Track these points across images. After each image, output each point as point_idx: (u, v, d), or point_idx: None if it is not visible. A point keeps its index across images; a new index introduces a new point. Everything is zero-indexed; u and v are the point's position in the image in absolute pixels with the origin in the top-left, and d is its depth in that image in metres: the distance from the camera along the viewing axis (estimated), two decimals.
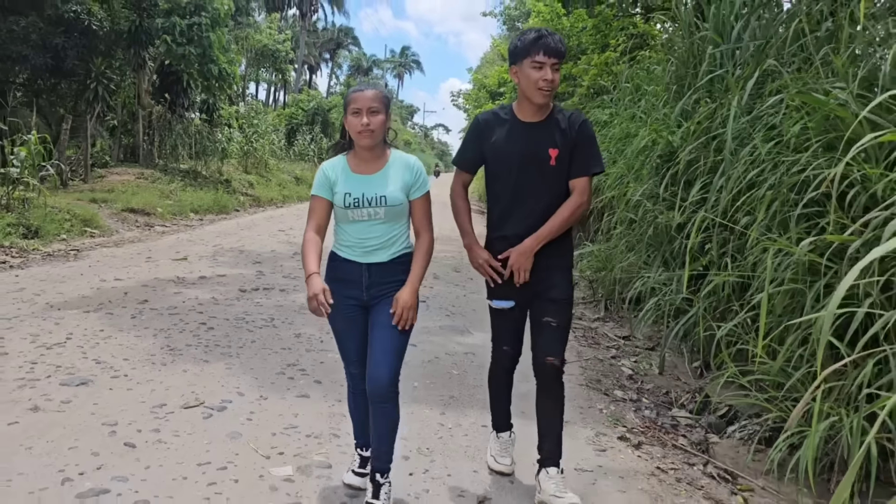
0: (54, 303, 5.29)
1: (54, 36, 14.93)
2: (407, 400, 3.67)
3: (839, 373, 2.94)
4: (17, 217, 9.15)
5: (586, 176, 2.74)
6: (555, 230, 2.70)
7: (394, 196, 2.53)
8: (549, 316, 2.76)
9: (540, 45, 2.62)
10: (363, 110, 2.46)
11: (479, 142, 2.83)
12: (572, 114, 2.80)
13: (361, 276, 2.55)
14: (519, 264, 2.70)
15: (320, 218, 2.58)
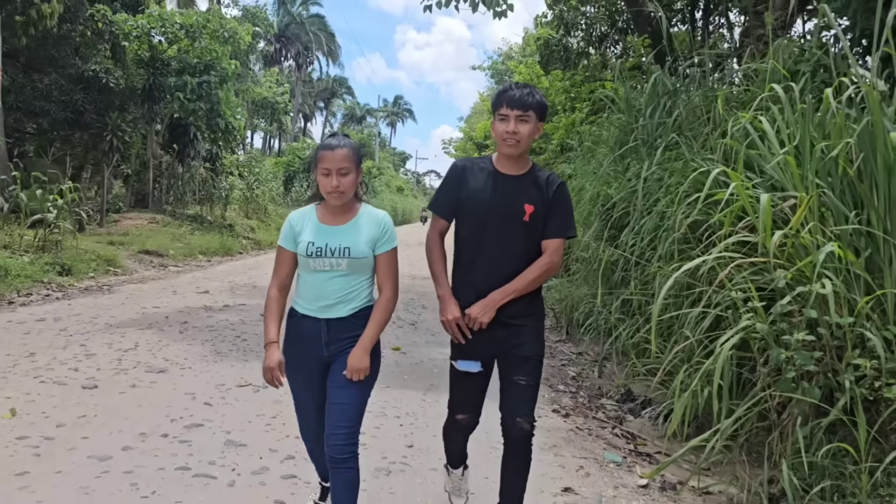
0: (112, 323, 6.63)
1: (74, 92, 16.52)
2: (398, 386, 5.00)
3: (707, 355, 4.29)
4: (53, 257, 10.48)
5: (560, 238, 2.77)
6: (522, 288, 2.70)
7: (358, 248, 2.52)
8: (520, 375, 2.73)
9: (504, 98, 2.68)
10: (333, 172, 2.45)
11: (457, 188, 2.81)
12: (550, 174, 2.84)
13: (321, 333, 2.54)
14: (480, 315, 2.66)
15: (285, 270, 2.62)
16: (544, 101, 2.75)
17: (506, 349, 2.76)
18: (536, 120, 2.69)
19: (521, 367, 2.74)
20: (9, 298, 8.21)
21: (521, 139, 2.66)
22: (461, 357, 2.76)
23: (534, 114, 2.68)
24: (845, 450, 3.21)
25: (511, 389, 2.74)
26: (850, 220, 3.61)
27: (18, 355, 5.14)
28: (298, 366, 2.59)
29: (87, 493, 2.94)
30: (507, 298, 2.68)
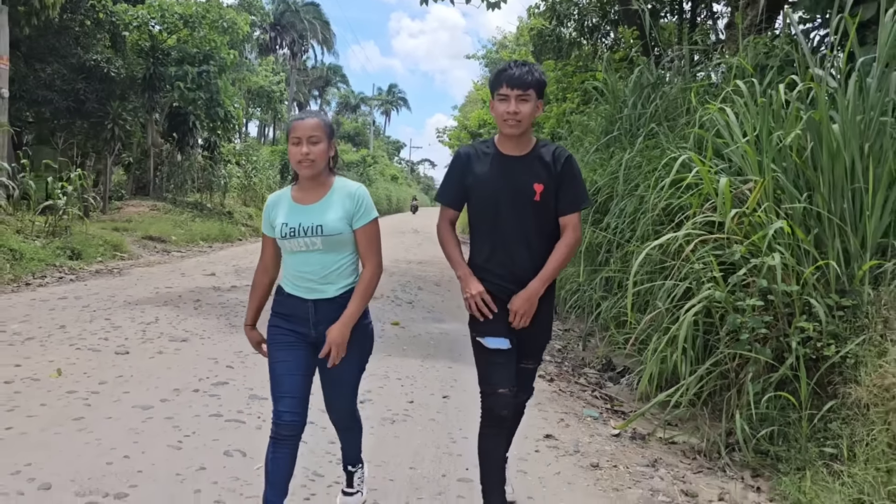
0: (130, 301, 7.10)
1: (76, 82, 16.86)
2: (399, 355, 5.50)
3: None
4: (63, 242, 10.92)
5: (576, 212, 2.73)
6: (556, 271, 2.68)
7: (331, 225, 2.47)
8: (531, 360, 2.83)
9: (503, 77, 2.62)
10: (303, 139, 2.44)
11: (461, 176, 2.79)
12: (557, 148, 2.78)
13: (308, 313, 2.51)
14: (524, 310, 2.63)
15: (268, 256, 2.64)
16: (544, 78, 2.70)
17: (525, 333, 2.72)
18: (537, 98, 2.65)
19: (533, 352, 2.83)
20: (26, 280, 8.66)
21: (523, 119, 2.61)
22: (489, 335, 2.68)
23: (534, 92, 2.62)
24: (790, 401, 3.72)
25: (519, 373, 2.76)
26: (800, 201, 4.11)
27: (50, 328, 5.61)
28: (283, 340, 2.54)
29: (136, 433, 3.43)
30: (545, 286, 2.67)
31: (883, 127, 3.95)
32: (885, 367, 3.35)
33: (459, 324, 7.13)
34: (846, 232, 3.99)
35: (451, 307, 8.22)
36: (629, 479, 3.49)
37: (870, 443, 3.23)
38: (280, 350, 2.53)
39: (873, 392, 3.37)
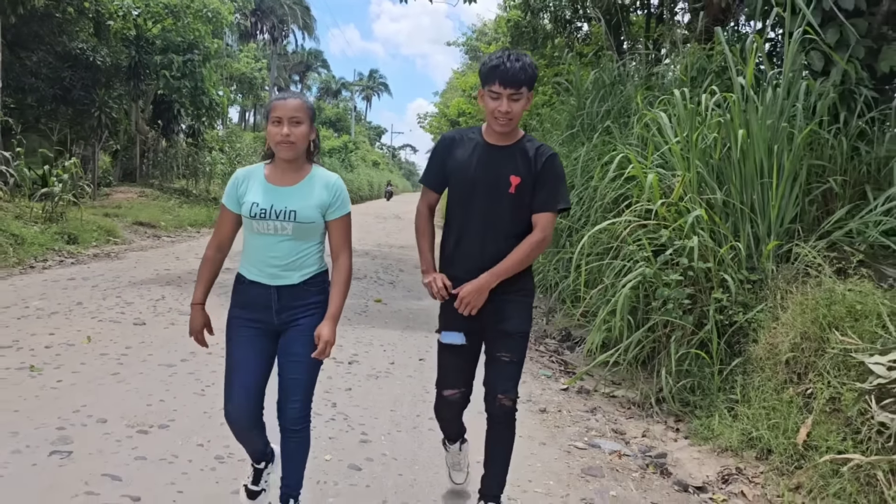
0: (134, 281, 7.80)
1: (62, 70, 17.32)
2: (381, 326, 6.28)
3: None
4: (60, 227, 11.53)
5: (550, 212, 2.70)
6: (513, 267, 2.64)
7: (305, 213, 2.44)
8: (503, 351, 2.70)
9: (496, 74, 2.57)
10: (284, 119, 2.39)
11: (443, 160, 2.80)
12: (541, 146, 2.76)
13: (270, 300, 2.47)
14: (469, 299, 2.62)
15: (225, 230, 2.56)
16: (535, 71, 2.67)
17: (491, 323, 2.71)
18: (529, 92, 2.64)
19: (505, 343, 2.70)
20: (30, 263, 9.30)
21: (514, 117, 2.63)
22: (445, 328, 2.75)
23: (526, 89, 2.61)
24: (706, 359, 4.56)
25: (494, 366, 2.72)
26: (719, 193, 4.94)
27: (68, 304, 6.31)
28: (243, 330, 2.49)
29: (166, 384, 4.19)
30: (497, 280, 2.63)
31: (786, 130, 4.77)
32: (776, 329, 4.18)
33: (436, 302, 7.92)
34: (755, 219, 4.82)
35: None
36: (570, 419, 4.31)
37: (761, 388, 4.07)
38: (238, 345, 2.48)
39: (766, 349, 4.20)
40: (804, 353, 3.93)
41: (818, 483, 3.32)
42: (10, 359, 4.46)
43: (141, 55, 17.92)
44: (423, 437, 3.76)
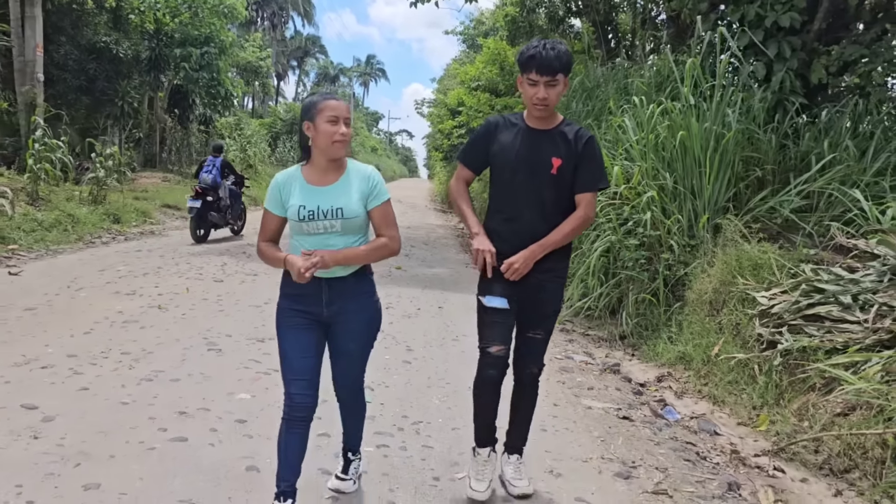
0: (192, 252, 9.43)
1: (87, 62, 18.79)
2: (405, 285, 7.93)
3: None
4: (105, 209, 13.12)
5: (592, 191, 2.90)
6: (558, 241, 2.84)
7: (350, 208, 2.54)
8: (537, 329, 2.96)
9: (533, 63, 2.76)
10: (340, 119, 2.50)
11: (486, 143, 2.99)
12: (580, 129, 2.94)
13: (321, 292, 2.57)
14: (518, 266, 2.80)
15: (272, 231, 2.67)
16: (570, 58, 2.86)
17: (529, 299, 2.92)
18: (566, 77, 2.84)
19: (540, 322, 2.98)
20: (89, 240, 10.92)
21: (551, 103, 2.83)
22: (489, 293, 2.91)
23: (562, 75, 2.81)
24: (655, 303, 6.20)
25: (527, 342, 3.00)
26: (669, 179, 6.57)
27: (150, 268, 7.94)
28: (294, 322, 2.59)
29: (261, 316, 5.85)
30: (546, 251, 2.85)
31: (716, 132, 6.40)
32: (704, 279, 5.83)
33: (446, 269, 9.61)
34: (694, 199, 6.46)
35: (439, 259, 10.68)
36: (552, 345, 5.96)
37: (691, 321, 5.73)
38: (291, 332, 2.59)
39: (697, 294, 5.85)
40: (720, 294, 5.58)
41: (720, 377, 4.99)
42: (138, 302, 6.12)
43: (161, 48, 19.41)
44: (448, 349, 5.43)
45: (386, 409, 4.02)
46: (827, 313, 4.66)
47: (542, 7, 17.85)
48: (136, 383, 4.06)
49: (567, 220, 2.89)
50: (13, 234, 9.69)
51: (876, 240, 4.92)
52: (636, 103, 7.04)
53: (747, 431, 4.30)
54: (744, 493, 3.34)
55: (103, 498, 2.74)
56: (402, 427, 3.76)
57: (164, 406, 3.73)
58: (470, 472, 3.09)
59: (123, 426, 3.42)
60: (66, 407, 3.62)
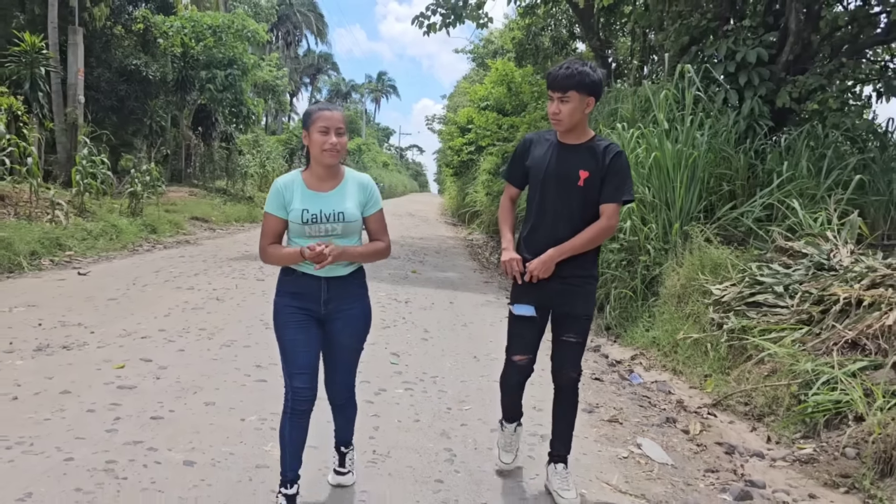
0: (229, 258, 10.72)
1: (118, 84, 20.27)
2: (420, 285, 9.18)
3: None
4: (142, 220, 14.46)
5: (615, 203, 3.08)
6: (577, 247, 3.05)
7: (351, 212, 2.77)
8: (570, 333, 3.17)
9: (548, 80, 3.10)
10: (331, 129, 2.69)
11: (522, 159, 3.25)
12: (609, 144, 3.14)
13: (320, 291, 2.77)
14: (537, 270, 3.03)
15: (273, 235, 2.81)
16: (591, 79, 3.02)
17: (559, 304, 3.14)
18: (583, 96, 3.01)
19: (572, 325, 3.16)
20: (132, 248, 12.24)
21: (563, 118, 3.03)
22: (517, 301, 3.14)
23: (575, 93, 2.99)
24: (634, 298, 7.40)
25: (561, 346, 3.18)
26: (648, 193, 7.80)
27: (198, 271, 9.23)
28: (295, 319, 2.77)
29: None
30: (562, 256, 3.03)
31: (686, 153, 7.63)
32: (674, 277, 7.04)
33: (456, 273, 10.85)
34: (668, 210, 7.69)
35: (449, 265, 11.94)
36: None
37: (663, 312, 6.93)
38: (292, 328, 2.76)
39: (668, 289, 7.06)
40: (686, 289, 6.78)
41: (681, 354, 6.18)
42: (198, 295, 7.41)
43: (187, 70, 20.88)
44: (458, 332, 6.67)
45: (409, 368, 5.25)
46: (764, 300, 5.86)
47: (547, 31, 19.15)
48: (219, 347, 5.34)
49: (588, 228, 3.08)
50: (68, 242, 11.02)
51: (804, 241, 6.13)
52: (618, 128, 8.30)
53: (696, 392, 5.49)
54: (678, 426, 4.54)
55: (219, 410, 4.02)
56: (423, 379, 4.99)
57: (243, 362, 5.00)
58: (498, 444, 3.48)
59: (219, 372, 4.69)
60: (172, 361, 4.90)
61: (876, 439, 3.78)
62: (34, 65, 14.42)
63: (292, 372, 2.77)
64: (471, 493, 3.22)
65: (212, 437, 3.63)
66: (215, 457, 3.37)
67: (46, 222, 11.35)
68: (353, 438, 3.21)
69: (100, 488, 2.97)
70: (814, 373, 4.59)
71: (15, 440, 3.40)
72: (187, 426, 3.75)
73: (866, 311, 4.89)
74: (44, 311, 6.33)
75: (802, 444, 4.27)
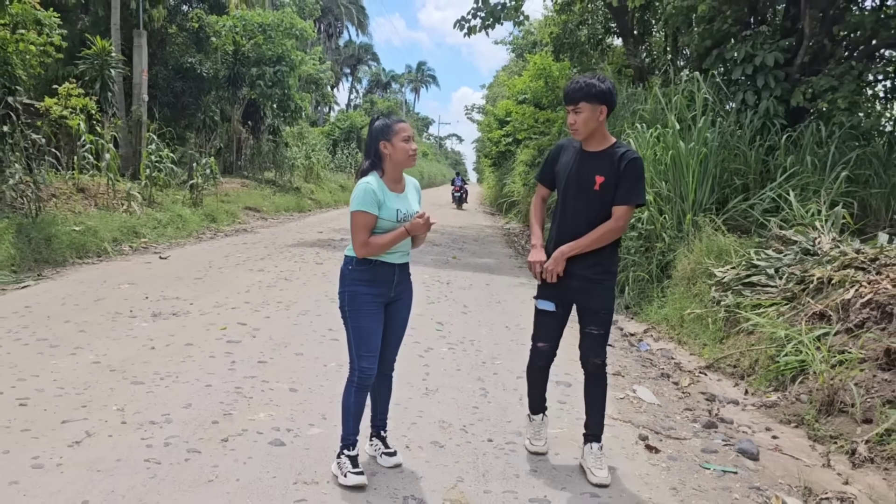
0: (287, 244, 12.08)
1: (175, 81, 21.84)
2: (460, 269, 10.39)
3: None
4: (202, 210, 15.94)
5: (626, 205, 3.40)
6: (585, 245, 3.41)
7: (417, 209, 3.36)
8: (592, 325, 3.54)
9: (563, 97, 3.50)
10: (411, 138, 3.24)
11: (553, 163, 3.66)
12: (627, 151, 3.46)
13: (393, 275, 3.31)
14: (550, 266, 3.44)
15: (370, 230, 3.18)
16: (595, 89, 3.39)
17: (581, 300, 3.53)
18: (594, 105, 3.37)
19: (593, 319, 3.53)
20: (197, 236, 13.70)
21: (579, 127, 3.42)
22: (540, 297, 3.59)
23: (586, 104, 3.36)
24: (650, 280, 8.51)
25: (585, 337, 3.58)
26: (661, 187, 8.87)
27: (262, 256, 10.58)
28: (370, 309, 3.25)
29: None
30: (572, 252, 3.40)
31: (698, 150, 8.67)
32: (684, 262, 8.12)
33: (492, 259, 12.04)
34: (681, 202, 8.76)
35: (487, 251, 13.16)
36: None
37: (673, 292, 8.02)
38: (370, 316, 3.25)
39: (680, 273, 8.15)
40: (695, 272, 7.87)
41: (686, 327, 7.28)
42: (269, 275, 8.76)
43: (238, 67, 22.37)
44: (493, 307, 7.88)
45: (451, 334, 6.48)
46: (758, 281, 6.92)
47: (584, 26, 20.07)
48: (296, 316, 6.66)
49: (598, 228, 3.41)
50: (142, 230, 12.51)
51: (794, 230, 7.18)
52: (638, 129, 9.38)
53: (694, 358, 6.60)
54: (671, 380, 5.67)
55: (307, 358, 5.34)
56: (462, 342, 6.22)
57: (318, 326, 6.31)
58: (527, 435, 3.91)
59: (299, 334, 6.00)
60: (262, 325, 6.22)
61: (821, 387, 4.88)
62: (104, 66, 15.94)
63: (362, 354, 3.25)
64: (499, 415, 4.43)
65: (305, 374, 4.92)
66: (311, 387, 4.65)
67: (122, 212, 12.85)
68: (409, 375, 4.37)
69: (235, 402, 4.27)
70: (786, 339, 5.67)
71: (164, 374, 4.73)
72: (286, 367, 5.05)
73: (834, 288, 5.95)
74: (144, 287, 7.72)
75: (770, 394, 5.38)
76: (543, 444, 3.82)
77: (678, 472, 3.77)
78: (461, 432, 4.10)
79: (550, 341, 3.68)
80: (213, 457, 3.51)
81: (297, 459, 3.55)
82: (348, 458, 3.29)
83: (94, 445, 3.57)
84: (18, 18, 12.29)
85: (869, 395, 4.71)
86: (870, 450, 4.26)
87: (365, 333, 3.25)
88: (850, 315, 5.51)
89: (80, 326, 5.88)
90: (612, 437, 4.17)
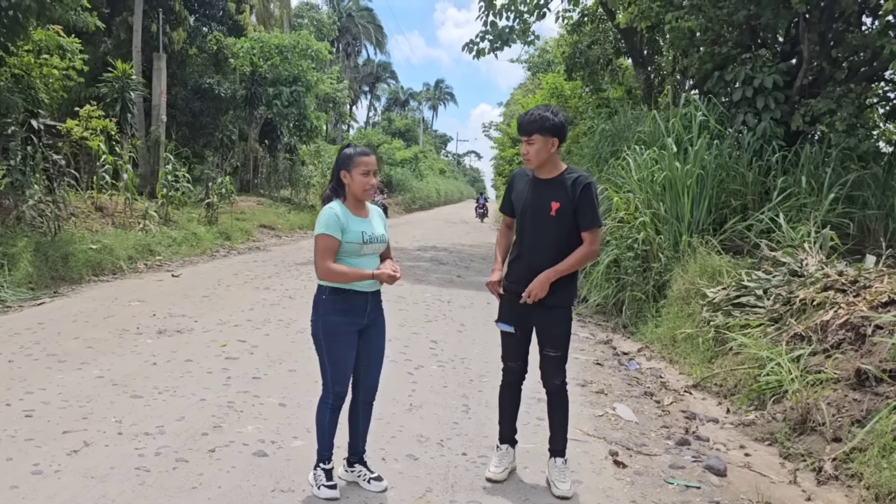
0: (297, 262, 12.39)
1: (193, 101, 22.40)
2: (462, 287, 10.63)
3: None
4: (217, 228, 16.35)
5: (594, 228, 3.59)
6: (568, 269, 3.59)
7: (385, 233, 3.52)
8: (549, 348, 3.72)
9: (518, 127, 3.69)
10: (371, 172, 3.36)
11: (509, 192, 3.85)
12: (579, 176, 3.62)
13: (366, 304, 3.42)
14: (535, 290, 3.55)
15: (334, 254, 3.31)
16: (548, 122, 3.57)
17: (538, 324, 3.71)
18: (546, 137, 3.55)
19: (549, 342, 3.71)
20: (211, 253, 14.07)
21: (530, 158, 3.60)
22: (500, 320, 3.81)
23: (539, 136, 3.54)
24: (646, 300, 8.68)
25: (544, 359, 3.76)
26: (658, 208, 9.06)
27: (270, 273, 10.89)
28: (346, 339, 3.38)
29: None
30: (556, 276, 3.55)
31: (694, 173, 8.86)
32: (679, 282, 8.30)
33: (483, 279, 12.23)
34: (678, 223, 8.94)
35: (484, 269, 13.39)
36: None
37: (668, 312, 8.19)
38: (344, 344, 3.38)
39: (674, 292, 8.32)
40: (688, 292, 8.04)
41: (677, 346, 7.45)
42: (273, 293, 9.06)
43: (255, 87, 22.90)
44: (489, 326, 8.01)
45: (444, 352, 6.71)
46: (747, 301, 7.09)
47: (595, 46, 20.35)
48: (294, 333, 6.93)
49: (576, 252, 3.60)
50: (157, 248, 12.90)
51: (782, 252, 7.34)
52: (637, 150, 9.60)
53: (683, 377, 6.77)
54: (655, 398, 5.85)
55: (299, 374, 5.59)
56: (453, 360, 6.45)
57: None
58: (492, 461, 3.96)
59: (295, 351, 6.26)
60: (260, 342, 6.50)
61: (795, 406, 5.04)
62: (125, 89, 16.47)
63: (338, 379, 3.42)
64: (476, 430, 4.65)
65: (296, 390, 5.17)
66: (300, 402, 4.90)
67: (139, 231, 13.26)
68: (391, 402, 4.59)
69: (226, 415, 4.54)
70: (767, 359, 5.83)
71: (163, 388, 5.02)
72: (278, 383, 5.32)
73: (815, 309, 6.11)
74: (153, 305, 8.05)
75: (749, 413, 5.55)
76: (502, 471, 3.88)
77: (641, 487, 3.96)
78: (437, 446, 4.33)
79: (517, 360, 3.87)
80: (199, 465, 3.77)
81: (278, 469, 3.80)
82: (323, 471, 3.49)
83: (90, 454, 3.85)
84: (42, 44, 12.80)
85: (840, 415, 4.86)
86: (836, 468, 4.42)
87: (339, 361, 3.39)
88: (828, 336, 5.67)
89: (88, 343, 6.19)
90: (583, 452, 4.37)
